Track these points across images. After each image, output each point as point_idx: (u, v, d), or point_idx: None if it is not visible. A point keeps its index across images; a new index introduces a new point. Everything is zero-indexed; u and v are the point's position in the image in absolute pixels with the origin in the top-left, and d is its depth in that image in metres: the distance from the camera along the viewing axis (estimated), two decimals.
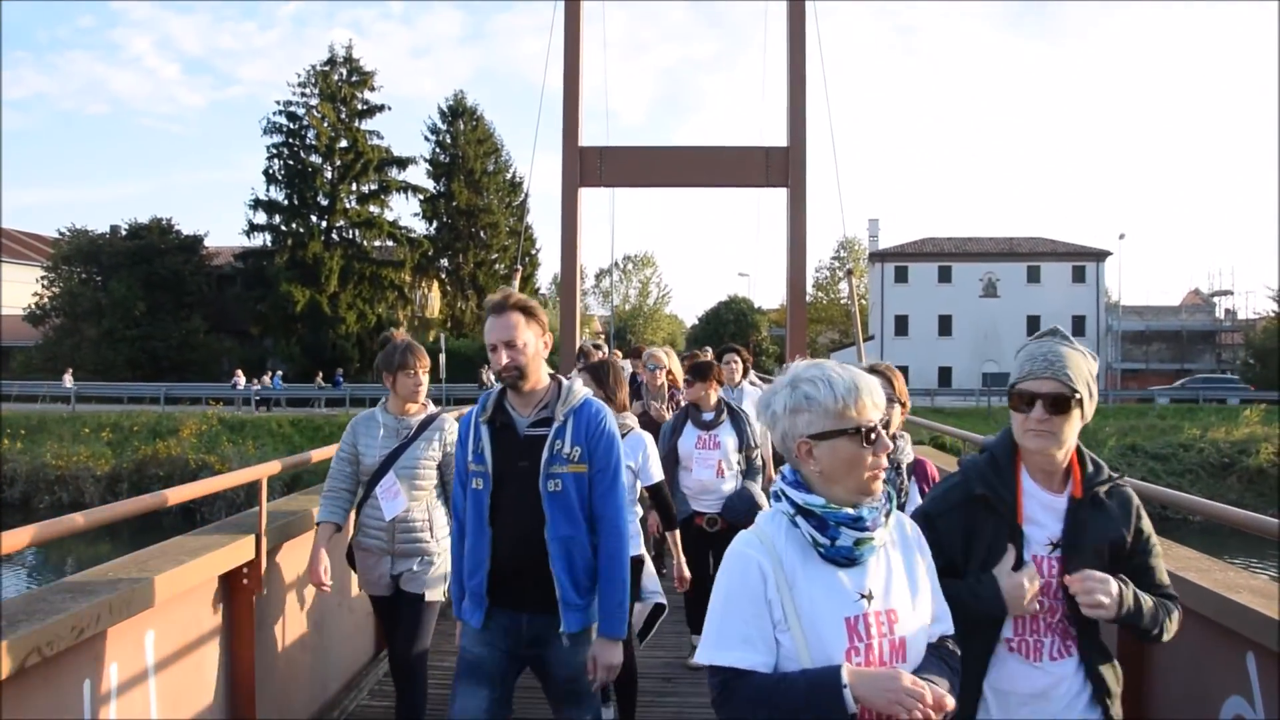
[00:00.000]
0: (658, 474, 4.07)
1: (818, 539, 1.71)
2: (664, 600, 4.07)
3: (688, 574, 4.29)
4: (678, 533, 4.26)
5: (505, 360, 2.64)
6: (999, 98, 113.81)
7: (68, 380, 36.29)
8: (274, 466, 3.92)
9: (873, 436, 1.73)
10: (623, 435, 3.93)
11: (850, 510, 1.72)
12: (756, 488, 5.06)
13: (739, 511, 4.89)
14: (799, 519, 1.73)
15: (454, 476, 2.92)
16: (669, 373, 7.00)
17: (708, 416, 5.07)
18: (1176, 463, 27.01)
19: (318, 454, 4.45)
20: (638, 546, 3.95)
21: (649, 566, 4.08)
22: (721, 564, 1.76)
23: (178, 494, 3.13)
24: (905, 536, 1.85)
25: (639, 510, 4.12)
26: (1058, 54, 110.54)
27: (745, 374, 7.00)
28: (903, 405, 3.33)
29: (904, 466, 3.32)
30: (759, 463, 5.22)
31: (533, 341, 2.69)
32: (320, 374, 39.50)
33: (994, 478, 2.11)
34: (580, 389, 2.80)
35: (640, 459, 3.98)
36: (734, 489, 5.04)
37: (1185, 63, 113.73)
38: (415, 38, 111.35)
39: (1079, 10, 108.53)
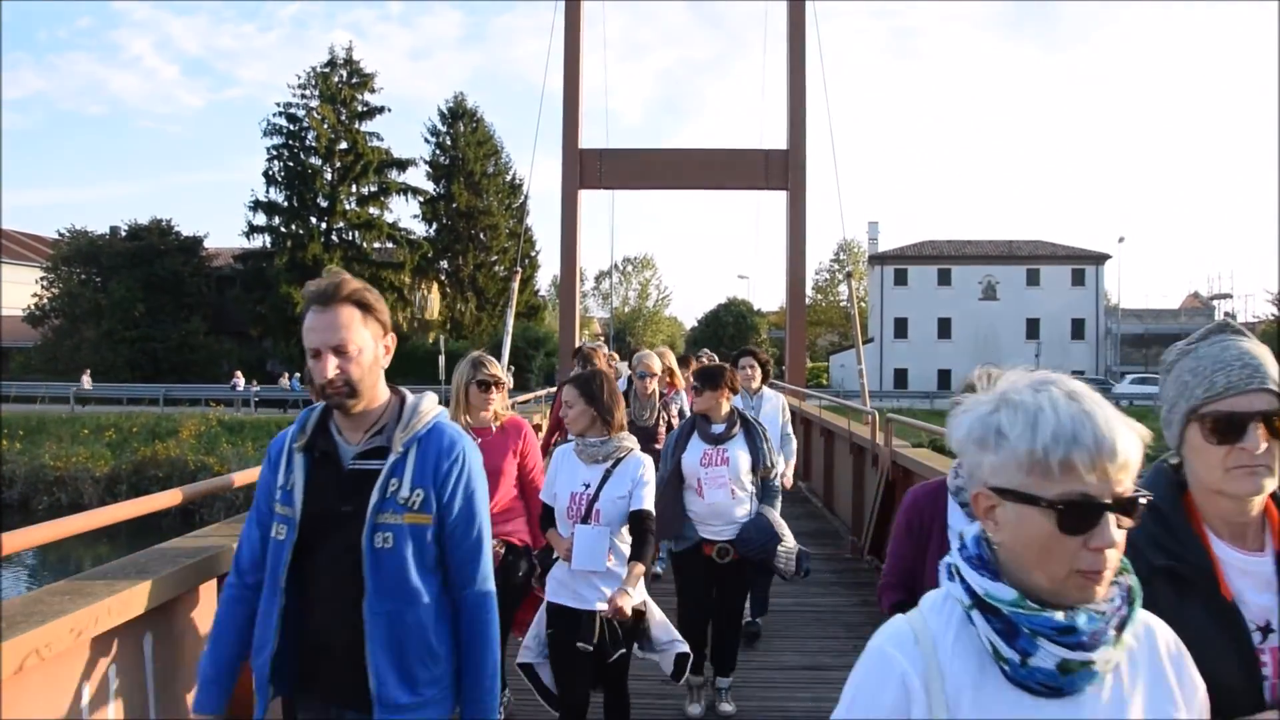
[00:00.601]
0: (648, 503, 3.49)
1: (1001, 650, 1.12)
2: (686, 648, 3.59)
3: (628, 610, 3.38)
4: (642, 569, 3.50)
5: (331, 372, 2.00)
6: (998, 100, 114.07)
7: (86, 382, 36.58)
8: (175, 496, 3.26)
9: (1084, 521, 1.09)
10: (621, 458, 3.47)
11: (1058, 615, 1.10)
12: (775, 514, 4.45)
13: (754, 544, 4.33)
14: (976, 614, 1.15)
15: (247, 518, 2.23)
16: (669, 375, 6.64)
17: (717, 429, 4.44)
18: None
19: (243, 476, 3.69)
20: (639, 593, 3.49)
21: (655, 613, 3.60)
22: (855, 667, 1.22)
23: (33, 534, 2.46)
24: (1155, 657, 1.19)
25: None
26: (1057, 57, 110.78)
27: (765, 380, 6.32)
28: None
29: None
30: (777, 484, 4.61)
31: (369, 346, 2.06)
32: None
33: (1168, 537, 1.50)
34: (430, 408, 2.14)
35: (635, 480, 3.47)
36: (748, 514, 4.41)
37: (1185, 65, 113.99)
38: (415, 39, 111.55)
39: (1078, 13, 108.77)
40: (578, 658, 3.41)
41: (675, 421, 6.05)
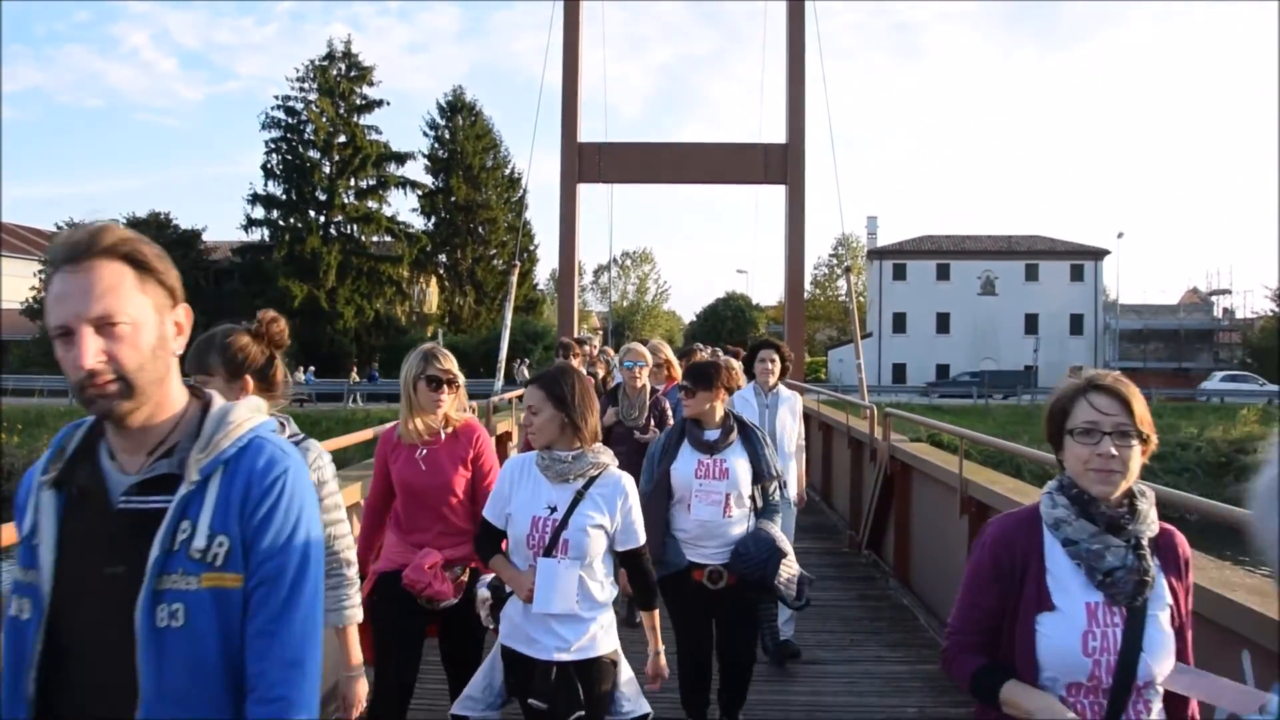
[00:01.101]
0: (641, 535, 2.92)
1: None
2: (647, 710, 2.98)
3: (665, 669, 3.05)
4: (657, 614, 3.05)
5: (92, 359, 1.30)
6: (998, 96, 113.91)
7: None
8: None
9: None
10: (594, 477, 2.82)
11: None
12: (777, 529, 3.85)
13: (755, 561, 3.71)
14: None
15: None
16: (666, 368, 6.23)
17: (711, 435, 3.85)
18: (1174, 461, 27.03)
19: None
20: (610, 642, 2.90)
21: (625, 669, 2.97)
22: None
23: None
24: None
25: (613, 590, 2.97)
26: (1057, 53, 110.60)
27: (783, 375, 5.72)
28: (1144, 442, 1.95)
29: (1146, 541, 1.94)
30: (776, 496, 3.99)
31: (150, 321, 1.36)
32: (354, 369, 39.47)
33: None
34: (243, 417, 1.45)
35: (619, 512, 2.85)
36: (744, 533, 3.81)
37: (1185, 62, 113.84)
38: (413, 33, 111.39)
39: (1078, 10, 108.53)
40: (536, 715, 2.82)
41: (670, 420, 5.52)
